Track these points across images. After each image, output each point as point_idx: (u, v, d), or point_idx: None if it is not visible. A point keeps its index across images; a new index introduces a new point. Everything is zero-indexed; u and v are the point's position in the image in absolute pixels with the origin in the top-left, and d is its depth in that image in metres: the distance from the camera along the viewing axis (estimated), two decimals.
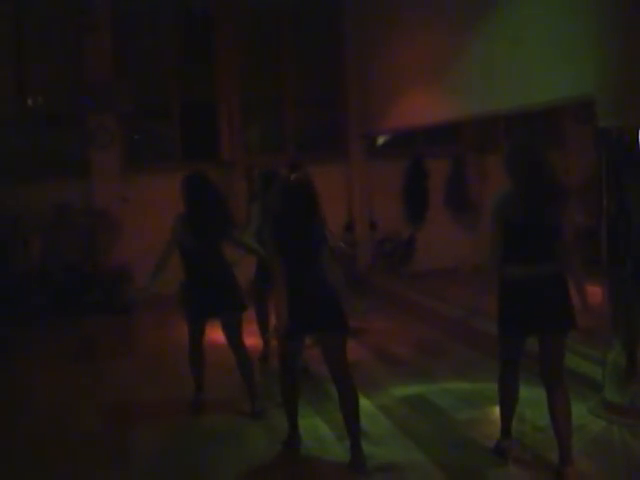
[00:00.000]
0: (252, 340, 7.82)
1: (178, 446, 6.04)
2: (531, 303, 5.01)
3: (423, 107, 10.29)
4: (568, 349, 5.30)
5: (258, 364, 7.78)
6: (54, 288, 11.22)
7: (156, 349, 9.20)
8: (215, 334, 7.24)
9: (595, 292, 6.53)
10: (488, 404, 6.54)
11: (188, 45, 12.95)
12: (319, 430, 6.16)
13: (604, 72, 6.13)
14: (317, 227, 5.44)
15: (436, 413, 6.52)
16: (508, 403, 5.41)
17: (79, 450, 6.07)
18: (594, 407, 6.20)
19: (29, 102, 12.22)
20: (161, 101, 12.73)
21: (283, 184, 5.54)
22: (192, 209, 6.56)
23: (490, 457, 5.47)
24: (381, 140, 13.78)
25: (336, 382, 5.51)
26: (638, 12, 5.87)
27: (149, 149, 13.14)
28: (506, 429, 5.47)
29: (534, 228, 4.97)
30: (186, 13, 12.93)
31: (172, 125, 12.74)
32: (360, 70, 12.68)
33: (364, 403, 6.67)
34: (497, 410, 5.55)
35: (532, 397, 6.23)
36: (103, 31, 11.83)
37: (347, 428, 5.49)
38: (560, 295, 5.04)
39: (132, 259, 11.62)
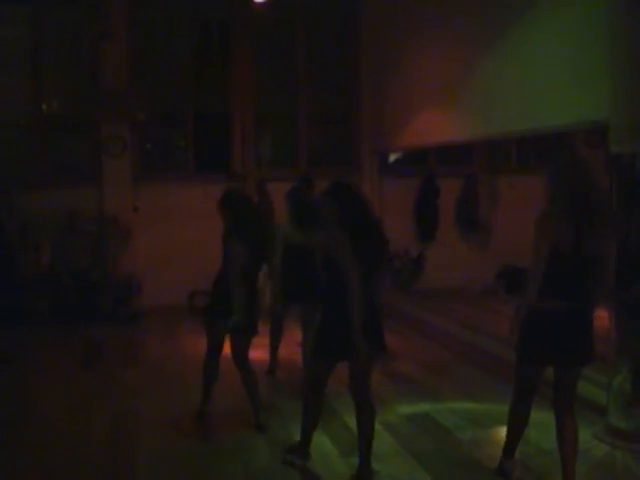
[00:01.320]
0: (259, 353, 7.84)
1: (183, 456, 6.04)
2: (559, 335, 4.85)
3: (436, 126, 10.31)
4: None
5: (264, 377, 7.77)
6: (62, 295, 11.24)
7: (163, 359, 9.20)
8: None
9: (602, 317, 6.56)
10: (493, 424, 6.54)
11: (203, 55, 13.02)
12: (324, 446, 6.14)
13: (618, 97, 6.14)
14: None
15: (441, 432, 6.50)
16: (518, 427, 5.34)
17: (84, 459, 6.07)
18: (599, 432, 6.19)
19: (43, 108, 12.29)
20: (175, 110, 12.79)
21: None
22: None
23: (494, 478, 5.46)
24: (393, 157, 13.82)
25: (358, 405, 5.47)
26: None
27: (161, 158, 13.19)
28: (510, 450, 5.43)
29: (579, 259, 4.80)
30: (202, 23, 13.00)
31: (185, 135, 12.80)
32: (375, 87, 12.72)
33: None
34: (502, 431, 5.54)
35: (537, 419, 6.20)
36: (118, 39, 11.90)
37: (360, 447, 5.47)
38: (586, 328, 4.91)
39: (141, 268, 11.68)
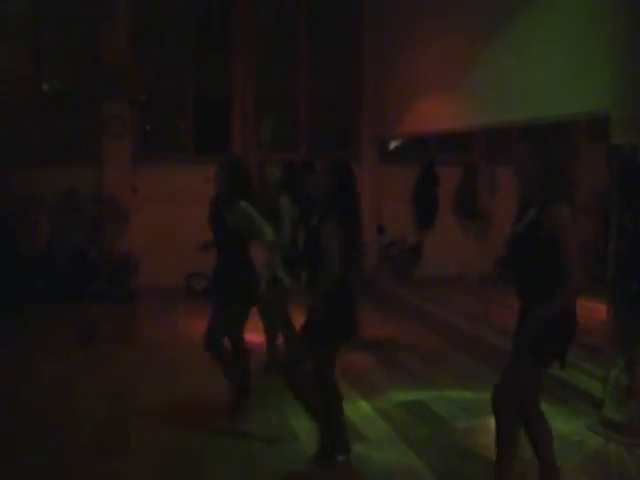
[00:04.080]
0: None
1: (177, 438, 6.04)
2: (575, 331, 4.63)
3: (437, 114, 10.30)
4: (570, 365, 5.25)
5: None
6: (58, 273, 11.24)
7: (158, 340, 9.22)
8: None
9: (599, 309, 6.56)
10: (487, 414, 6.53)
11: (205, 37, 12.98)
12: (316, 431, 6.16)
13: (620, 89, 6.13)
14: None
15: (435, 420, 6.51)
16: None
17: (78, 438, 6.08)
18: (593, 424, 6.20)
19: (44, 87, 12.26)
20: (175, 92, 12.75)
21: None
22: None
23: (487, 466, 5.47)
24: (393, 144, 13.80)
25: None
26: None
27: (161, 140, 13.17)
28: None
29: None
30: (204, 4, 12.95)
31: (185, 117, 12.76)
32: (376, 73, 12.70)
33: (364, 406, 6.72)
34: None
35: None
36: (120, 19, 11.89)
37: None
38: None
39: (138, 249, 11.68)
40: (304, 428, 6.11)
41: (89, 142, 12.19)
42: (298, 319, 6.14)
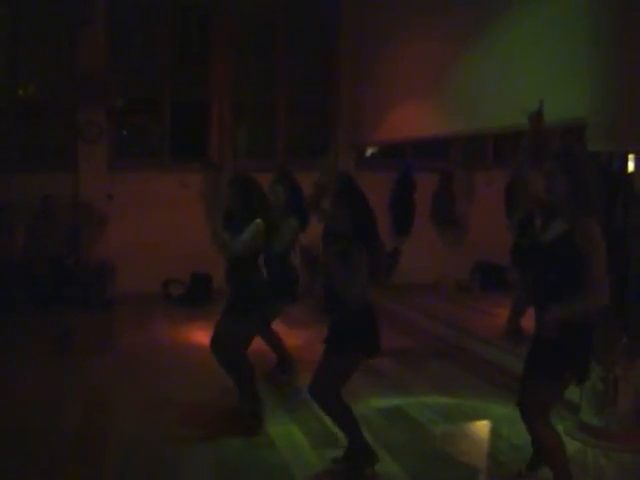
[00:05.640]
0: None
1: (155, 444, 6.01)
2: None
3: (413, 121, 10.33)
4: None
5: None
6: (35, 280, 11.15)
7: (136, 346, 9.15)
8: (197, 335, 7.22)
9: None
10: (466, 419, 6.58)
11: (182, 43, 12.98)
12: (294, 437, 6.15)
13: (596, 97, 6.17)
14: None
15: (413, 426, 6.51)
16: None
17: (55, 446, 6.02)
18: (570, 428, 6.22)
19: (20, 93, 12.19)
20: (152, 98, 12.71)
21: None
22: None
23: (465, 472, 5.49)
24: (370, 151, 13.82)
25: None
26: (632, 38, 5.92)
27: (137, 146, 13.16)
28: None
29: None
30: (182, 11, 12.93)
31: (162, 123, 12.71)
32: (353, 80, 12.70)
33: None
34: (474, 425, 5.57)
35: (508, 414, 6.27)
36: (98, 25, 11.84)
37: None
38: None
39: (114, 255, 11.63)
40: (280, 434, 6.11)
41: (65, 148, 12.13)
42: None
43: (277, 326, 7.76)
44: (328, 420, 6.11)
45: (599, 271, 4.29)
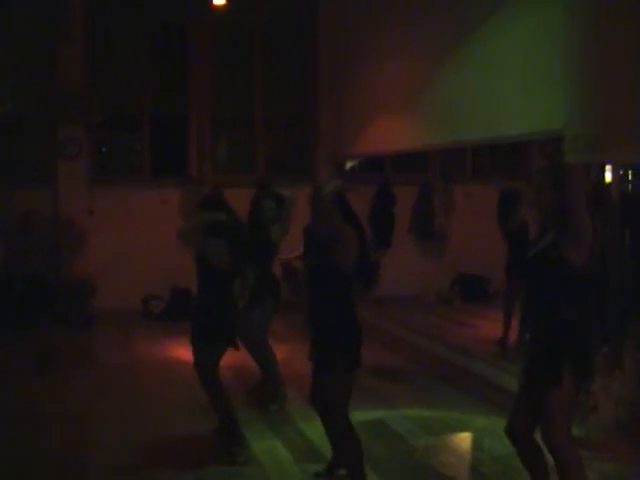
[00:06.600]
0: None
1: (135, 462, 5.99)
2: None
3: (391, 134, 10.36)
4: None
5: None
6: (15, 297, 11.08)
7: (117, 363, 9.10)
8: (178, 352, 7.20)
9: None
10: (447, 431, 6.59)
11: (162, 59, 12.97)
12: (278, 452, 6.15)
13: (572, 108, 6.21)
14: None
15: (394, 438, 6.52)
16: None
17: (35, 463, 5.99)
18: None
19: None
20: (132, 114, 12.70)
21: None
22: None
23: None
24: (349, 164, 13.86)
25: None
26: (607, 50, 5.97)
27: (117, 162, 13.14)
28: None
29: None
30: (161, 27, 12.94)
31: (141, 139, 12.70)
32: (332, 94, 12.74)
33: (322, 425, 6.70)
34: (455, 438, 5.58)
35: (490, 426, 6.30)
36: (77, 41, 11.81)
37: None
38: None
39: (95, 271, 11.58)
40: (264, 450, 6.11)
41: (45, 164, 12.07)
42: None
43: None
44: (311, 434, 6.13)
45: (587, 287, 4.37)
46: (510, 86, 7.44)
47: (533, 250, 4.61)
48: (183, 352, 6.71)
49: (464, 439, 6.60)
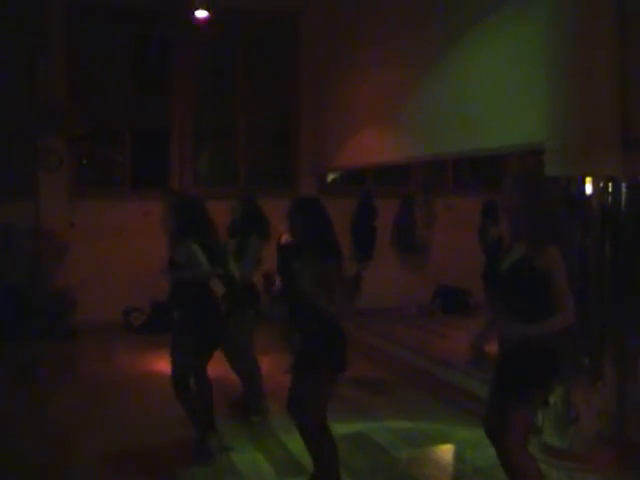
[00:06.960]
0: None
1: (117, 474, 5.97)
2: None
3: (373, 147, 10.38)
4: None
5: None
6: None
7: (98, 376, 9.06)
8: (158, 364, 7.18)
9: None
10: (429, 443, 6.59)
11: (143, 71, 12.94)
12: (259, 465, 6.13)
13: (553, 121, 6.24)
14: None
15: (377, 451, 6.51)
16: None
17: (13, 476, 5.96)
18: (533, 450, 6.24)
19: None
20: (113, 126, 12.69)
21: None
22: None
23: None
24: (331, 177, 13.87)
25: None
26: (587, 63, 6.01)
27: (98, 174, 13.10)
28: None
29: None
30: (142, 39, 12.92)
31: (123, 151, 12.68)
32: (314, 107, 12.77)
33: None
34: (438, 450, 5.57)
35: (472, 438, 6.30)
36: (57, 53, 11.79)
37: None
38: None
39: (76, 284, 11.53)
40: (246, 462, 6.09)
41: (25, 176, 12.00)
42: None
43: None
44: (293, 447, 6.12)
45: (563, 290, 4.31)
46: (490, 99, 7.47)
47: (505, 263, 4.61)
48: (163, 365, 6.68)
49: (446, 451, 6.59)
